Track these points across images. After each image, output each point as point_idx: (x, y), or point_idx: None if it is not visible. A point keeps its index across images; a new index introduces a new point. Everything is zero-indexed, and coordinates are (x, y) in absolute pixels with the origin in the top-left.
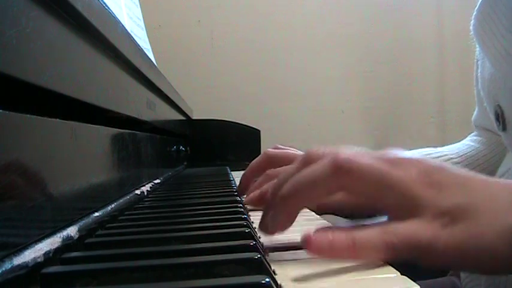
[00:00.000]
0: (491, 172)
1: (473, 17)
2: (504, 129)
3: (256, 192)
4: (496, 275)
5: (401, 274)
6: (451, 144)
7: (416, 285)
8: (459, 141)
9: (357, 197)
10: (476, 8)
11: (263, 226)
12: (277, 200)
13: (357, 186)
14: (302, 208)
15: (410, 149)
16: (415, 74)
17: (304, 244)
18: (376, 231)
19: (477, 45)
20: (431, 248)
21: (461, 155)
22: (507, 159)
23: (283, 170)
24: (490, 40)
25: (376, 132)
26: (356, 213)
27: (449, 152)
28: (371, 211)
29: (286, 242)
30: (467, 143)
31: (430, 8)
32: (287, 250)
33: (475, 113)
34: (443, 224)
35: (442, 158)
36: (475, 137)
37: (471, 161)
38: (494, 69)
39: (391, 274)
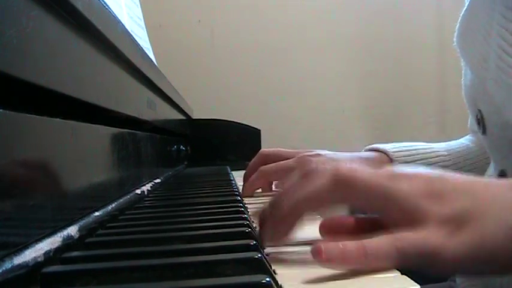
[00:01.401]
0: (482, 172)
1: (456, 29)
2: (484, 132)
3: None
4: (507, 275)
5: (402, 274)
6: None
7: (417, 284)
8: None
9: (358, 209)
10: (458, 21)
11: (261, 238)
12: (279, 213)
13: (358, 199)
14: (301, 217)
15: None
16: (415, 74)
17: (315, 255)
18: (387, 239)
19: (460, 56)
20: (439, 256)
21: (451, 152)
22: (490, 167)
23: (275, 165)
24: (469, 48)
25: (377, 132)
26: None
27: (439, 148)
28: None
29: (287, 241)
30: (461, 141)
31: (430, 8)
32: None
33: (469, 119)
34: (449, 231)
35: (432, 153)
36: (469, 137)
37: (460, 159)
38: (473, 75)
39: (391, 274)
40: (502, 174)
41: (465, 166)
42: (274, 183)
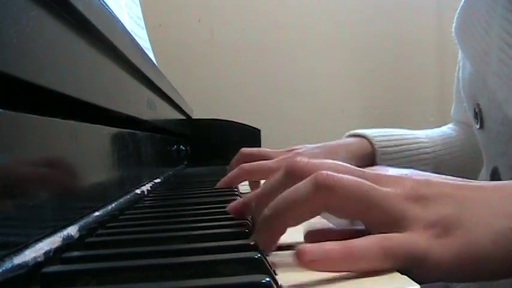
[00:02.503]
0: (464, 161)
1: (454, 20)
2: (481, 127)
3: (240, 201)
4: (495, 280)
5: (402, 274)
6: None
7: (417, 284)
8: None
9: (341, 215)
10: (457, 12)
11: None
12: (260, 221)
13: (340, 205)
14: (285, 228)
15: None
16: (415, 73)
17: (298, 256)
18: (375, 239)
19: (458, 47)
20: (425, 260)
21: (432, 139)
22: (484, 166)
23: (257, 164)
24: (469, 41)
25: None
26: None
27: (420, 135)
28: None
29: (287, 241)
30: (442, 129)
31: (430, 8)
32: (288, 250)
33: (453, 108)
34: (436, 234)
35: (412, 139)
36: (452, 126)
37: (440, 146)
38: (473, 69)
39: (390, 273)
40: (495, 171)
41: (446, 154)
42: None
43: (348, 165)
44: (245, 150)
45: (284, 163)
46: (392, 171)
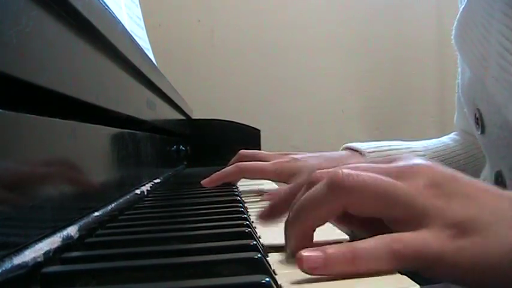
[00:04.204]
0: (463, 171)
1: (454, 27)
2: (483, 132)
3: (267, 208)
4: None
5: (401, 274)
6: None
7: (416, 284)
8: None
9: (362, 212)
10: (456, 19)
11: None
12: (285, 226)
13: (359, 203)
14: (312, 230)
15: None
16: (415, 73)
17: (297, 264)
18: (381, 240)
19: (457, 53)
20: (439, 260)
21: (429, 151)
22: (485, 168)
23: (251, 164)
24: (468, 47)
25: (376, 132)
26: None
27: (416, 146)
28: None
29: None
30: (443, 140)
31: (430, 8)
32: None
33: (455, 117)
34: (452, 235)
35: (407, 152)
36: (454, 136)
37: (438, 159)
38: (472, 74)
39: (391, 274)
40: (498, 174)
41: (446, 163)
42: None
43: (368, 163)
44: (244, 151)
45: (279, 166)
46: (418, 160)
